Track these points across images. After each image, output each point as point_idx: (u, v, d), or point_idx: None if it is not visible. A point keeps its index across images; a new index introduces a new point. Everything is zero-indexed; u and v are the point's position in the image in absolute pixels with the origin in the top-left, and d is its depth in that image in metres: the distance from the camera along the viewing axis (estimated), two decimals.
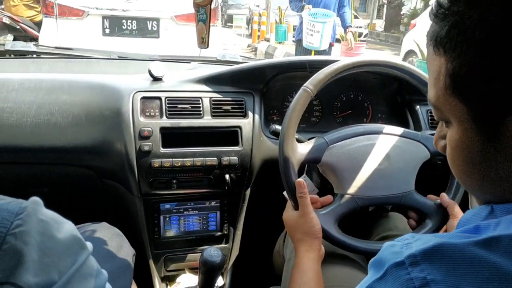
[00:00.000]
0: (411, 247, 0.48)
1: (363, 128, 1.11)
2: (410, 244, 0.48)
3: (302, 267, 0.97)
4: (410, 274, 0.45)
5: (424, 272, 0.44)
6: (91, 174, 1.32)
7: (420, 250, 0.46)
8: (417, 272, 0.45)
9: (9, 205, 0.42)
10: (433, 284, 0.43)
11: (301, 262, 0.98)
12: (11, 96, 1.25)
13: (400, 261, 0.47)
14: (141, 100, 1.27)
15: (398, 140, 1.11)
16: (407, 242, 0.50)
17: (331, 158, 1.06)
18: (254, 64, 1.41)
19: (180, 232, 1.41)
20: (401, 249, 0.48)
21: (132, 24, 4.22)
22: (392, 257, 0.48)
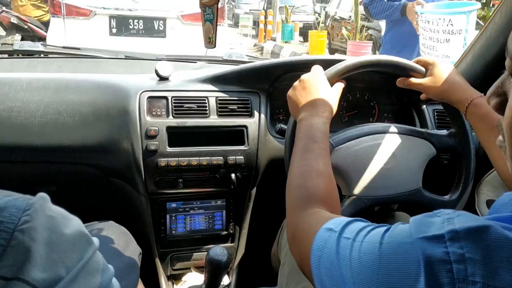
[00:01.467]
0: (453, 223, 0.46)
1: (368, 128, 1.11)
2: (452, 220, 0.47)
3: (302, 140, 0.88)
4: (448, 248, 0.44)
5: (463, 249, 0.43)
6: (98, 173, 1.33)
7: (465, 228, 0.45)
8: (455, 247, 0.44)
9: (17, 201, 0.43)
10: (471, 262, 0.43)
11: (302, 130, 0.90)
12: (20, 95, 1.26)
13: (440, 234, 0.46)
14: (147, 100, 1.28)
15: (403, 138, 1.11)
16: (448, 216, 0.48)
17: (338, 160, 1.06)
18: (260, 63, 1.41)
19: (186, 231, 1.41)
20: (442, 223, 0.47)
21: (138, 24, 4.24)
22: (428, 230, 0.47)
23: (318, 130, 0.89)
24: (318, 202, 0.75)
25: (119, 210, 1.48)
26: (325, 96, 0.96)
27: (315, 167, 0.82)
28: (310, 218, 0.71)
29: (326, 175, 0.82)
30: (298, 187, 0.80)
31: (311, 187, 0.78)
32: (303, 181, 0.80)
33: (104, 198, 1.50)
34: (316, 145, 0.86)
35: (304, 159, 0.84)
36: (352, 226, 0.59)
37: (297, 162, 0.85)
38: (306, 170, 0.82)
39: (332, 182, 0.82)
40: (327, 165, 0.84)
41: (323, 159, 0.84)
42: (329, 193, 0.79)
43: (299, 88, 0.99)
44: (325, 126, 0.91)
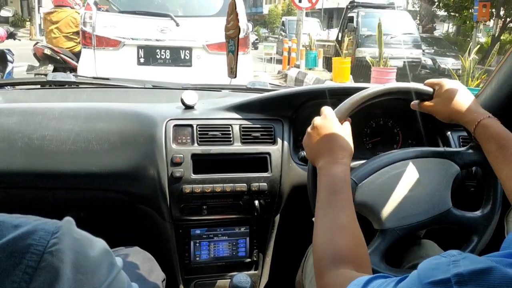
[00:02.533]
0: (459, 265, 0.47)
1: (387, 158, 1.10)
2: (458, 262, 0.47)
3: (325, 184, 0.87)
4: None
5: None
6: (125, 199, 1.36)
7: (470, 270, 0.45)
8: None
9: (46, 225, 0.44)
10: None
11: (323, 179, 0.89)
12: (52, 124, 1.31)
13: (446, 278, 0.46)
14: (173, 128, 1.31)
15: (424, 161, 1.09)
16: (454, 259, 0.48)
17: (363, 197, 1.04)
18: (283, 91, 1.44)
19: (210, 257, 1.42)
20: (448, 266, 0.47)
21: (165, 54, 4.35)
22: (436, 273, 0.47)
23: (339, 179, 0.88)
24: (344, 260, 0.74)
25: (144, 236, 1.50)
26: (340, 139, 0.96)
27: (338, 223, 0.81)
28: (335, 281, 0.70)
29: (350, 230, 0.81)
30: (322, 245, 0.79)
31: (335, 245, 0.77)
32: (328, 239, 0.80)
33: (130, 224, 1.53)
34: (338, 197, 0.86)
35: (326, 214, 0.84)
36: (370, 285, 0.59)
37: (320, 219, 0.85)
38: (329, 227, 0.82)
39: (357, 237, 0.80)
40: (351, 217, 0.83)
41: (346, 211, 0.84)
42: (354, 249, 0.77)
43: (314, 135, 0.98)
44: (345, 173, 0.90)
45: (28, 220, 0.44)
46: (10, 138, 1.28)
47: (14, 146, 1.27)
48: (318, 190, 0.90)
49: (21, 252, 0.41)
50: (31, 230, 0.43)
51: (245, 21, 4.44)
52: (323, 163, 0.93)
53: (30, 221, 0.44)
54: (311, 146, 0.98)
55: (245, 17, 4.57)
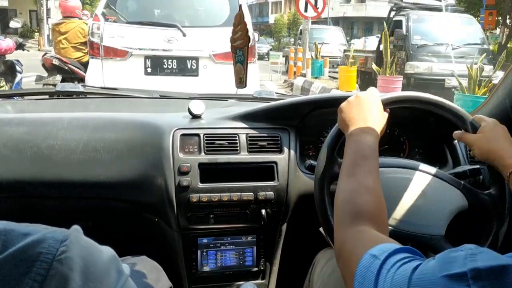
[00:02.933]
0: (476, 260, 0.47)
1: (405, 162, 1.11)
2: (475, 256, 0.47)
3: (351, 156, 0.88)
4: (470, 287, 0.44)
5: None
6: (132, 208, 1.37)
7: (487, 267, 0.45)
8: (477, 286, 0.44)
9: (55, 233, 0.45)
10: None
11: (351, 145, 0.91)
12: (60, 134, 1.33)
13: (462, 272, 0.46)
14: (180, 137, 1.32)
15: (437, 181, 1.09)
16: (471, 252, 0.48)
17: None
18: (289, 100, 1.45)
19: (217, 267, 1.42)
20: (465, 260, 0.47)
21: (172, 63, 4.39)
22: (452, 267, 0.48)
23: (368, 146, 0.90)
24: (366, 219, 0.75)
25: (151, 245, 1.51)
26: (378, 116, 0.98)
27: (364, 184, 0.82)
28: (357, 236, 0.71)
29: (375, 192, 0.82)
30: (346, 202, 0.80)
31: (359, 203, 0.78)
32: (352, 197, 0.80)
33: (137, 233, 1.53)
34: (366, 162, 0.87)
35: (353, 175, 0.85)
36: (394, 257, 0.59)
37: (346, 178, 0.86)
38: (355, 186, 0.82)
39: (381, 200, 0.82)
40: (376, 182, 0.84)
41: (373, 176, 0.85)
42: (377, 211, 0.78)
43: (354, 103, 1.00)
44: (375, 143, 0.92)
45: (37, 228, 0.45)
46: (19, 148, 1.29)
47: (23, 156, 1.29)
48: (345, 155, 0.91)
49: (31, 260, 0.41)
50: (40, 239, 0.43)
51: (251, 30, 4.47)
52: (355, 130, 0.94)
53: (39, 230, 0.45)
54: (347, 111, 0.99)
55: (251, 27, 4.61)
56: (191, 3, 4.93)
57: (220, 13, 4.62)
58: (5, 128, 1.33)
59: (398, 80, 8.04)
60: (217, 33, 4.33)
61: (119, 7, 4.59)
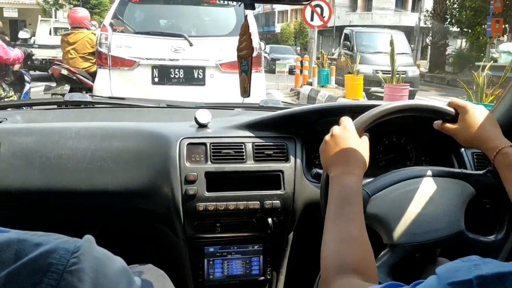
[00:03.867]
0: (481, 269, 0.46)
1: (402, 174, 1.10)
2: (479, 266, 0.47)
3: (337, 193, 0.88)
4: None
5: None
6: (139, 217, 1.38)
7: (493, 273, 0.45)
8: None
9: (66, 244, 0.45)
10: None
11: (334, 188, 0.90)
12: (69, 143, 1.34)
13: (468, 279, 0.46)
14: (187, 146, 1.33)
15: (439, 181, 1.09)
16: (474, 263, 0.48)
17: (375, 209, 1.04)
18: (295, 109, 1.45)
19: (223, 276, 1.41)
20: (469, 269, 0.47)
21: (179, 73, 4.42)
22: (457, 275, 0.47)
23: (350, 190, 0.89)
24: (351, 270, 0.74)
25: (158, 253, 1.51)
26: (356, 151, 0.97)
27: (347, 233, 0.82)
28: None
29: (358, 241, 0.81)
30: (330, 255, 0.80)
31: (343, 255, 0.78)
32: (335, 249, 0.80)
33: (144, 241, 1.54)
34: (349, 208, 0.86)
35: (336, 225, 0.85)
36: None
37: (330, 228, 0.85)
38: (338, 237, 0.82)
39: (366, 248, 0.81)
40: (361, 229, 0.84)
41: (356, 222, 0.84)
42: (362, 260, 0.77)
43: (331, 144, 0.99)
44: (357, 185, 0.91)
45: (48, 238, 0.45)
46: (28, 157, 1.31)
47: (32, 165, 1.30)
48: (329, 200, 0.91)
49: (42, 271, 0.42)
50: (51, 249, 0.43)
51: (257, 40, 4.49)
52: (336, 173, 0.94)
53: (51, 240, 0.45)
54: (326, 154, 0.99)
55: (257, 36, 4.63)
56: (198, 13, 4.97)
57: (226, 23, 4.66)
58: (14, 138, 1.34)
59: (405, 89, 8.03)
60: (223, 42, 4.36)
61: (126, 17, 4.64)
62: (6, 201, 1.32)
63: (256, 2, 0.97)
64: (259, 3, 1.00)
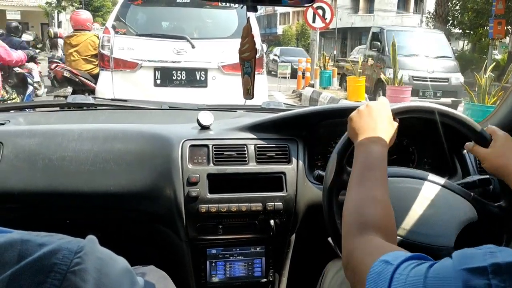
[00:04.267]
0: (496, 256, 0.47)
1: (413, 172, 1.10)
2: (495, 253, 0.48)
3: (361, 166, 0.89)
4: (490, 281, 0.45)
5: (506, 283, 0.44)
6: (141, 219, 1.38)
7: (509, 262, 0.46)
8: (497, 281, 0.45)
9: (69, 244, 0.45)
10: None
11: (361, 155, 0.91)
12: (71, 145, 1.34)
13: (482, 266, 0.46)
14: (189, 148, 1.33)
15: (446, 192, 1.08)
16: (490, 250, 0.49)
17: None
18: (297, 111, 1.45)
19: (226, 277, 1.42)
20: (484, 256, 0.48)
21: (181, 75, 4.42)
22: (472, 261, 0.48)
23: (377, 157, 0.90)
24: (374, 229, 0.75)
25: (161, 255, 1.51)
26: (387, 126, 0.98)
27: (372, 194, 0.83)
28: (366, 246, 0.71)
29: (383, 203, 0.82)
30: (354, 213, 0.81)
31: (367, 214, 0.79)
32: (360, 207, 0.81)
33: (146, 243, 1.54)
34: (374, 173, 0.87)
35: (361, 186, 0.86)
36: (408, 262, 0.59)
37: (354, 188, 0.86)
38: (363, 197, 0.83)
39: (389, 210, 0.82)
40: (385, 193, 0.85)
41: (381, 186, 0.85)
42: (385, 221, 0.79)
43: (364, 113, 1.00)
44: (383, 153, 0.92)
45: (52, 238, 0.45)
46: (31, 159, 1.31)
47: (35, 167, 1.31)
48: (354, 165, 0.92)
49: (46, 271, 0.42)
50: (55, 249, 0.44)
51: (259, 41, 4.50)
52: (364, 140, 0.95)
53: (54, 240, 0.45)
54: (357, 121, 0.99)
55: (259, 38, 4.63)
56: (200, 15, 4.98)
57: (228, 25, 4.66)
58: (17, 140, 1.35)
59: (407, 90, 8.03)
60: (225, 44, 4.37)
61: (129, 20, 4.64)
62: (9, 203, 1.32)
63: (258, 4, 0.97)
64: (261, 5, 1.01)
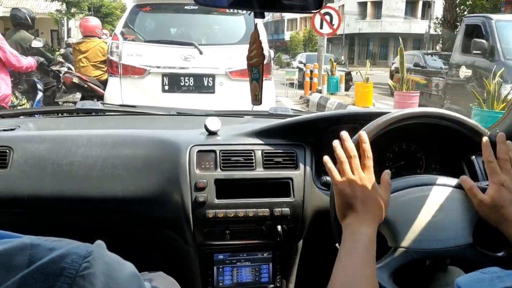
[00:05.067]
0: (504, 281, 0.47)
1: (416, 180, 1.10)
2: (502, 278, 0.47)
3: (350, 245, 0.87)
4: None
5: None
6: (149, 224, 1.39)
7: None
8: None
9: (78, 249, 0.46)
10: None
11: (349, 237, 0.89)
12: (80, 151, 1.35)
13: None
14: (197, 153, 1.34)
15: (453, 191, 1.08)
16: (497, 275, 0.48)
17: None
18: (304, 117, 1.45)
19: (233, 283, 1.41)
20: (492, 281, 0.47)
21: (189, 81, 4.44)
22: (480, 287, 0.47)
23: (367, 239, 0.89)
24: None
25: (168, 260, 1.51)
26: (378, 201, 0.96)
27: (363, 272, 0.83)
28: None
29: (373, 282, 0.82)
30: (345, 284, 0.81)
31: None
32: (350, 282, 0.81)
33: (154, 248, 1.54)
34: (365, 255, 0.87)
35: (346, 268, 0.85)
36: None
37: (343, 264, 0.86)
38: (353, 273, 0.83)
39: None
40: (374, 272, 0.85)
41: (368, 269, 0.85)
42: None
43: (346, 190, 0.96)
44: (373, 236, 0.91)
45: (61, 243, 0.46)
46: (40, 164, 1.33)
47: (44, 172, 1.32)
48: (341, 246, 0.91)
49: (55, 275, 0.42)
50: (64, 254, 0.44)
51: (267, 48, 4.51)
52: (354, 221, 0.93)
53: (63, 245, 0.46)
54: (347, 195, 0.96)
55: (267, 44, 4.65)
56: (208, 21, 5.01)
57: (236, 31, 4.68)
58: (26, 145, 1.36)
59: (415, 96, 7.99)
60: (233, 50, 4.39)
61: (137, 26, 4.69)
62: (16, 207, 1.34)
63: (266, 10, 0.97)
64: (268, 11, 1.01)
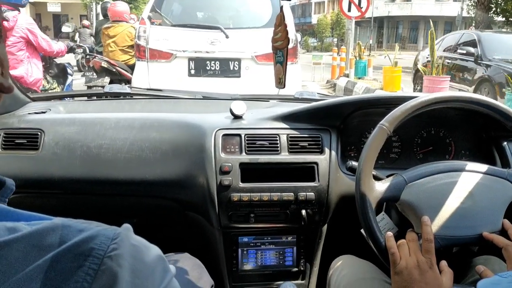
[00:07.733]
0: None
1: (444, 166, 1.08)
2: None
3: None
4: None
5: None
6: (175, 206, 1.41)
7: None
8: None
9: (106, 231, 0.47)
10: None
11: None
12: (108, 133, 1.38)
13: None
14: (222, 137, 1.35)
15: (482, 177, 1.06)
16: None
17: (410, 196, 1.03)
18: (331, 101, 1.44)
19: (257, 265, 1.43)
20: (510, 284, 0.46)
21: (215, 65, 4.45)
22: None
23: None
24: None
25: (194, 242, 1.54)
26: None
27: None
28: None
29: None
30: None
31: None
32: None
33: (180, 230, 1.57)
34: None
35: None
36: None
37: None
38: None
39: None
40: None
41: None
42: None
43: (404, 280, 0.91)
44: None
45: (90, 225, 0.48)
46: (70, 147, 1.36)
47: (74, 154, 1.35)
48: None
49: (85, 255, 0.44)
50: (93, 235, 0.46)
51: (293, 31, 4.46)
52: None
53: (92, 227, 0.47)
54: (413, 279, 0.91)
55: (293, 27, 4.60)
56: (234, 5, 4.98)
57: (262, 15, 4.64)
58: (57, 128, 1.40)
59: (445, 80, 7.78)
60: (259, 34, 4.36)
61: (164, 10, 4.70)
62: (48, 189, 1.38)
63: None
64: None
